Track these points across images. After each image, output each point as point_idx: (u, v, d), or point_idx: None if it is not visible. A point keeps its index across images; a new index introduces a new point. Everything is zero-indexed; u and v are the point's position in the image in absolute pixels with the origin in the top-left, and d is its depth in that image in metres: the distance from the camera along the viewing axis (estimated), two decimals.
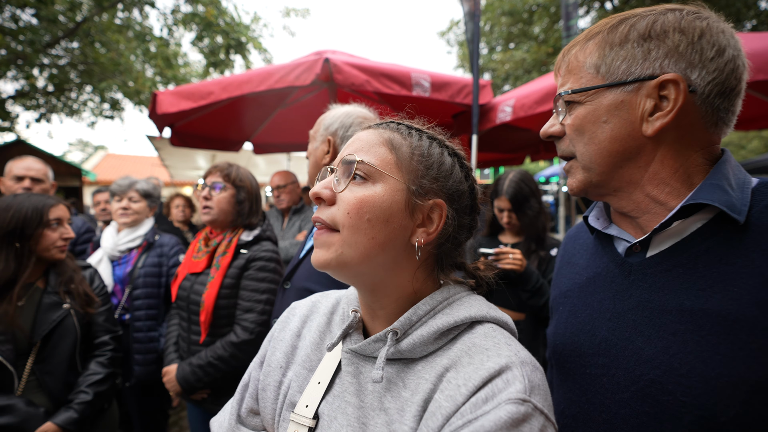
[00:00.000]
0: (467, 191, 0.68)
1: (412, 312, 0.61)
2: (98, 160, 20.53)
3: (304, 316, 0.78)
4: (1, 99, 8.08)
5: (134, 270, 2.47)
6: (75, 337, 1.67)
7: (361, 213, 0.59)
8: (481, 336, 0.60)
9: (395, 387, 0.60)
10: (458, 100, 3.45)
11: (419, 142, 0.65)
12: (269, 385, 0.72)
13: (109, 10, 7.82)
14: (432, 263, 0.67)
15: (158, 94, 2.88)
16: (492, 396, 0.52)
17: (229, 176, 1.89)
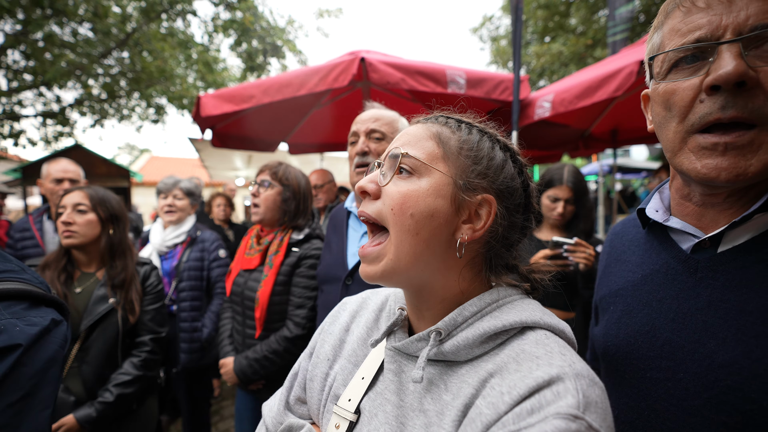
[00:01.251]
0: (520, 188, 0.65)
1: (457, 313, 0.59)
2: (144, 163, 21.76)
3: (354, 311, 0.78)
4: (62, 107, 8.74)
5: (179, 264, 2.63)
6: (116, 333, 1.71)
7: (405, 208, 0.58)
8: (532, 343, 0.55)
9: (436, 389, 0.58)
10: (494, 96, 3.38)
11: (468, 136, 0.63)
12: (316, 376, 0.73)
13: (155, 20, 8.26)
14: (480, 263, 0.64)
15: (202, 97, 3.01)
16: (538, 408, 0.47)
17: (276, 174, 1.92)
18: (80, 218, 1.76)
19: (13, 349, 0.78)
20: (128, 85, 8.80)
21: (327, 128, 4.75)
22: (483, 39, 15.70)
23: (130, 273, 1.82)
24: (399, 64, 2.95)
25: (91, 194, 1.81)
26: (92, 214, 1.78)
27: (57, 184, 2.59)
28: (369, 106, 1.56)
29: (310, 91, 2.68)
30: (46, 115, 8.66)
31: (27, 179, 7.92)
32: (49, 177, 2.59)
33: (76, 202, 1.77)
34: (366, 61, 2.68)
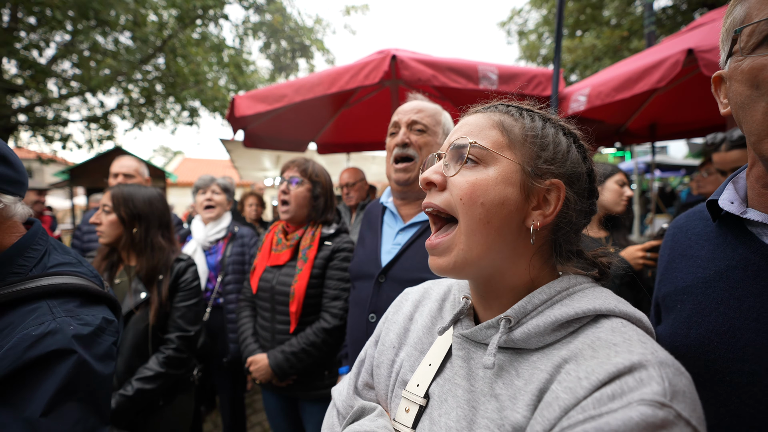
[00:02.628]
0: (585, 173, 0.64)
1: (527, 300, 0.59)
2: (177, 164, 22.61)
3: (416, 301, 0.80)
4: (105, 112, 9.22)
5: (224, 258, 2.71)
6: (146, 326, 1.73)
7: (474, 197, 0.58)
8: (608, 330, 0.53)
9: (507, 375, 0.57)
10: (527, 92, 3.29)
11: (532, 123, 0.63)
12: (383, 362, 0.75)
13: (189, 26, 8.57)
14: (548, 250, 0.63)
15: (236, 98, 3.09)
16: (621, 394, 0.45)
17: (305, 171, 1.91)
18: (105, 218, 1.81)
19: (70, 353, 0.80)
20: (164, 89, 9.18)
21: (355, 128, 4.78)
22: (511, 33, 15.37)
23: (158, 269, 1.83)
24: (430, 61, 2.92)
25: (115, 194, 1.84)
26: (114, 214, 1.82)
27: (114, 179, 2.75)
28: (411, 98, 1.53)
29: (341, 88, 2.69)
30: (91, 120, 9.15)
31: (73, 180, 8.39)
32: (111, 172, 2.76)
33: (104, 202, 1.84)
34: (397, 59, 2.67)
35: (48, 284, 0.86)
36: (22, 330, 0.77)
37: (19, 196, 0.94)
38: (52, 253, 0.95)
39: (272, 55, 8.10)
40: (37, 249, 0.93)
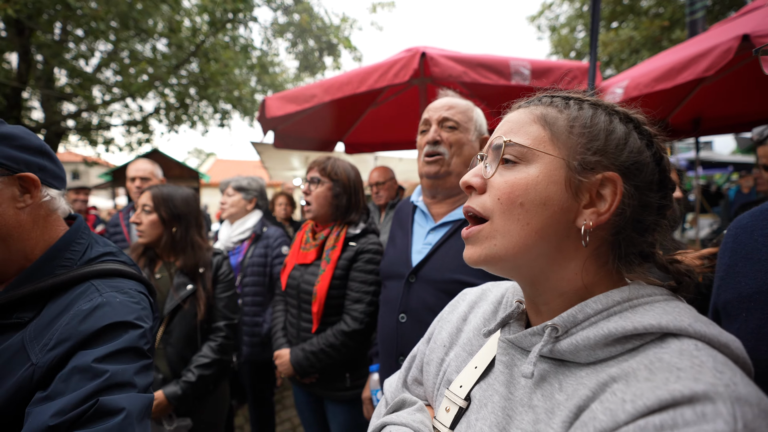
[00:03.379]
0: (650, 161, 0.56)
1: (578, 309, 0.53)
2: (210, 165, 23.42)
3: (472, 302, 0.79)
4: (144, 116, 9.67)
5: (244, 260, 2.71)
6: (194, 317, 1.83)
7: (513, 198, 0.55)
8: (675, 352, 0.46)
9: (549, 387, 0.53)
10: (562, 87, 3.16)
11: (579, 112, 0.57)
12: (433, 360, 0.75)
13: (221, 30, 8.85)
14: (607, 252, 0.56)
15: (267, 99, 3.14)
16: (672, 426, 0.39)
17: (325, 170, 1.89)
18: (146, 218, 1.89)
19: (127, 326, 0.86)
20: (197, 92, 9.52)
21: (382, 127, 4.77)
22: (541, 29, 14.91)
23: (199, 265, 1.92)
24: (460, 57, 2.87)
25: (155, 194, 1.91)
26: (155, 214, 1.89)
27: (132, 182, 2.90)
28: (442, 94, 1.50)
29: (370, 87, 2.68)
30: (130, 124, 9.62)
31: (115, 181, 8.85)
32: (128, 176, 2.91)
33: (144, 202, 1.91)
34: (427, 56, 2.64)
35: (94, 269, 0.93)
36: (75, 308, 0.84)
37: (61, 190, 1.00)
38: (94, 246, 1.01)
39: (299, 54, 8.22)
40: (81, 243, 0.98)
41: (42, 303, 0.86)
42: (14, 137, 0.88)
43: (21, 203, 0.89)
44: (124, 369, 0.79)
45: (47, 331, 0.81)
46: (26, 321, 0.83)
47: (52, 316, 0.83)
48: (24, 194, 0.90)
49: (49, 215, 0.96)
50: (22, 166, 0.89)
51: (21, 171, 0.88)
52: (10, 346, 0.79)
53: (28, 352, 0.78)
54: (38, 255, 0.92)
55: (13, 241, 0.88)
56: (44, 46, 7.36)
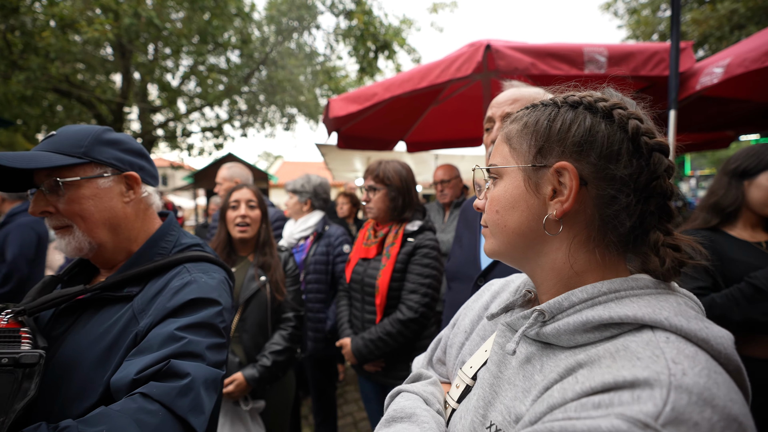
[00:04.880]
0: (605, 133, 0.56)
1: (564, 297, 0.57)
2: (277, 167, 24.86)
3: (496, 292, 0.84)
4: (219, 123, 10.55)
5: (307, 257, 2.81)
6: (266, 307, 1.97)
7: (492, 208, 0.65)
8: (643, 342, 0.48)
9: (531, 368, 0.58)
10: (644, 72, 2.86)
11: (527, 117, 0.64)
12: (455, 344, 0.82)
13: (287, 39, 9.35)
14: (590, 239, 0.58)
15: (331, 100, 3.25)
16: (608, 405, 0.43)
17: (378, 176, 2.02)
18: (252, 213, 2.07)
19: (208, 301, 0.96)
20: (266, 98, 10.16)
21: (444, 125, 4.69)
22: (619, 14, 13.68)
23: (275, 259, 2.08)
24: (527, 48, 2.71)
25: (256, 192, 2.12)
26: (259, 210, 2.09)
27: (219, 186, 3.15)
28: (507, 86, 1.42)
29: (431, 83, 2.64)
30: (207, 130, 10.54)
31: (196, 183, 9.74)
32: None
33: (248, 198, 2.09)
34: (492, 48, 2.53)
35: (185, 255, 1.06)
36: (170, 285, 0.97)
37: (156, 187, 1.14)
38: (182, 238, 1.14)
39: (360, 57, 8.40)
40: (173, 234, 1.12)
41: (145, 282, 1.00)
42: (121, 142, 1.03)
43: (127, 198, 1.03)
44: (198, 341, 0.89)
45: (150, 305, 0.94)
46: (134, 295, 0.97)
47: (154, 293, 0.96)
48: (129, 190, 1.04)
49: (147, 209, 1.10)
50: (127, 166, 1.03)
51: (127, 170, 1.03)
52: (125, 314, 0.93)
53: (138, 319, 0.92)
54: (141, 243, 1.06)
55: (121, 230, 1.03)
56: (141, 66, 8.34)
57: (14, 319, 0.88)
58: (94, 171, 0.97)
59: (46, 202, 0.94)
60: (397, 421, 0.70)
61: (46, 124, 8.66)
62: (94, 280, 1.11)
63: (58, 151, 0.93)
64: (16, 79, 6.44)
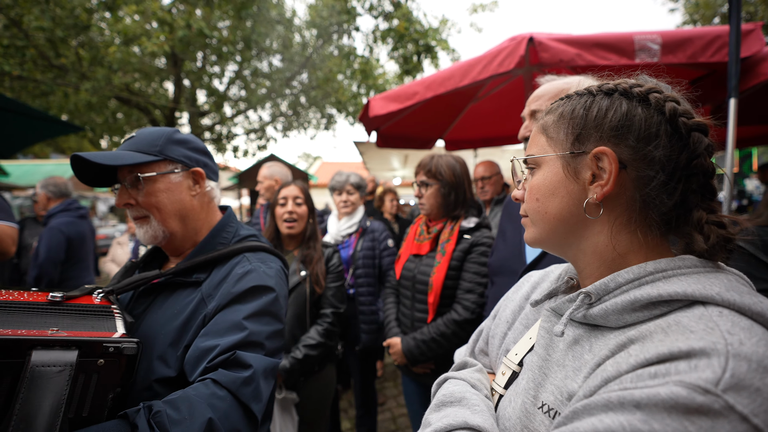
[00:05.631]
0: (642, 116, 0.58)
1: (610, 278, 0.58)
2: (317, 167, 25.47)
3: (536, 282, 0.85)
4: (262, 125, 10.99)
5: (355, 253, 2.88)
6: (305, 300, 2.02)
7: (532, 197, 0.67)
8: (695, 317, 0.49)
9: (580, 348, 0.59)
10: (703, 59, 2.68)
11: (563, 107, 0.66)
12: (497, 335, 0.84)
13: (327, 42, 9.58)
14: (631, 220, 0.59)
15: (371, 100, 3.29)
16: (664, 374, 0.43)
17: (431, 171, 1.96)
18: (299, 209, 2.16)
19: (266, 289, 1.05)
20: (306, 101, 10.47)
21: (483, 122, 4.62)
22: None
23: (317, 253, 2.14)
24: (572, 39, 2.63)
25: (303, 188, 2.20)
26: (305, 206, 2.17)
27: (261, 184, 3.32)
28: (541, 82, 1.42)
29: (473, 80, 2.62)
30: (251, 132, 11.01)
31: (240, 183, 10.21)
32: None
33: (295, 195, 2.18)
34: (535, 41, 2.48)
35: (245, 245, 1.15)
36: (233, 272, 1.06)
37: (217, 182, 1.24)
38: (240, 229, 1.24)
39: (400, 59, 8.45)
40: (233, 226, 1.23)
41: (210, 269, 1.10)
42: (188, 141, 1.14)
43: (193, 192, 1.15)
44: (260, 331, 0.99)
45: (216, 290, 1.04)
46: (202, 281, 1.08)
47: (219, 279, 1.06)
48: (195, 185, 1.15)
49: (210, 202, 1.21)
50: (194, 162, 1.14)
51: (193, 166, 1.14)
52: (194, 298, 1.04)
53: (206, 303, 1.02)
54: (205, 233, 1.17)
55: (189, 221, 1.14)
56: (190, 73, 8.87)
57: (105, 298, 1.00)
58: (167, 167, 1.08)
59: (128, 195, 1.07)
60: (447, 405, 0.72)
61: (109, 130, 9.44)
62: (165, 266, 1.23)
63: (138, 150, 1.05)
64: (83, 88, 7.08)
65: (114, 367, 0.81)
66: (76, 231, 3.36)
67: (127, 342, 0.82)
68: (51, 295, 0.89)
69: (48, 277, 3.15)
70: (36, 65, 7.18)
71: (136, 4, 6.74)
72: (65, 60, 7.26)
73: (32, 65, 7.05)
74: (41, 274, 3.13)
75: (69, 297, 0.92)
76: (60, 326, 0.81)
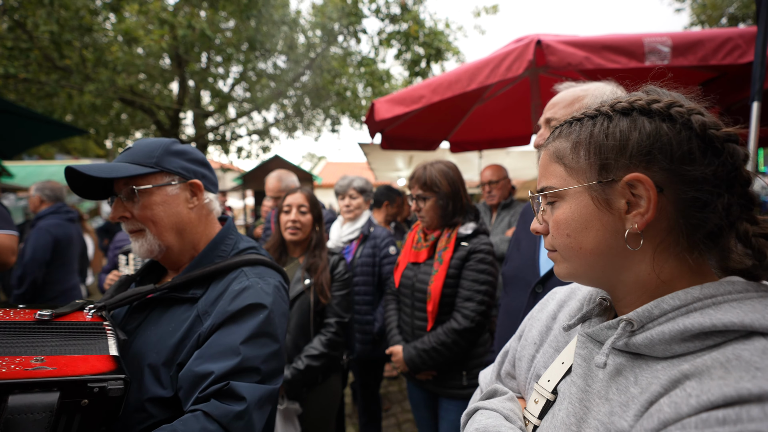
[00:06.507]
0: (670, 135, 0.54)
1: (654, 305, 0.54)
2: (321, 168, 25.47)
3: (562, 300, 0.81)
4: (266, 126, 10.99)
5: (354, 260, 2.78)
6: (308, 309, 1.98)
7: (560, 232, 0.62)
8: (757, 351, 0.45)
9: (624, 380, 0.55)
10: (714, 62, 2.61)
11: (579, 133, 0.61)
12: (524, 357, 0.79)
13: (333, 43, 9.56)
14: (675, 244, 0.56)
15: (376, 102, 3.24)
16: (736, 421, 0.40)
17: (426, 184, 1.94)
18: (303, 218, 2.12)
19: (262, 307, 1.01)
20: (311, 102, 10.45)
21: (489, 124, 4.57)
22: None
23: (323, 262, 2.10)
24: (580, 41, 2.57)
25: (309, 196, 2.16)
26: (310, 215, 2.13)
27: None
28: (559, 88, 1.37)
29: (481, 84, 2.57)
30: (255, 133, 11.01)
31: (245, 184, 10.21)
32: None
33: (300, 203, 2.14)
34: (542, 43, 2.43)
35: (243, 258, 1.11)
36: (230, 288, 1.03)
37: (216, 194, 1.21)
38: (240, 241, 1.20)
39: (408, 62, 8.42)
40: (232, 238, 1.19)
41: (208, 283, 1.07)
42: (186, 152, 1.11)
43: (191, 204, 1.11)
44: (255, 355, 0.95)
45: (212, 307, 1.01)
46: (198, 297, 1.04)
47: (216, 296, 1.03)
48: (193, 197, 1.12)
49: (208, 214, 1.17)
50: (192, 174, 1.11)
51: (191, 178, 1.11)
52: (191, 315, 1.01)
53: (202, 320, 0.99)
54: (203, 246, 1.14)
55: (186, 234, 1.11)
56: (195, 74, 8.87)
57: (97, 314, 0.96)
58: (163, 179, 1.05)
59: (123, 209, 1.03)
60: None
61: (113, 132, 9.46)
62: (162, 280, 1.19)
63: (134, 161, 1.02)
64: (87, 90, 7.09)
65: (99, 406, 0.76)
66: (64, 233, 3.32)
67: (114, 380, 0.77)
68: (39, 314, 0.85)
69: (32, 276, 3.09)
70: (40, 67, 7.20)
71: (139, 4, 6.74)
72: (69, 62, 7.28)
73: (36, 67, 7.08)
74: (25, 273, 3.08)
75: (58, 314, 0.89)
76: (48, 348, 0.77)
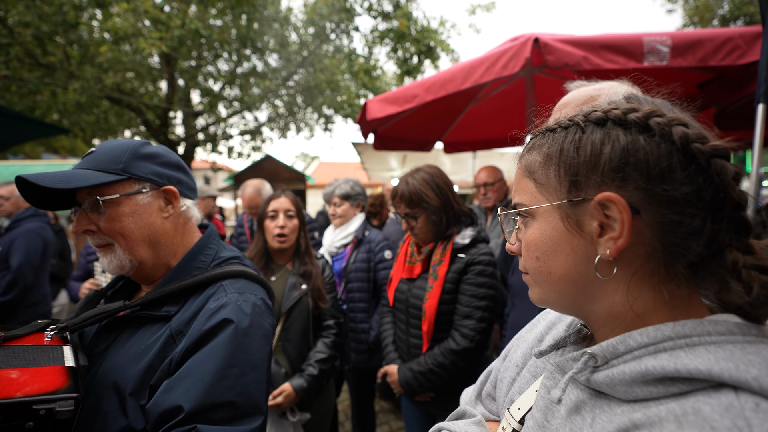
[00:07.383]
0: (647, 149, 0.47)
1: (619, 340, 0.49)
2: (314, 168, 25.29)
3: (551, 323, 0.76)
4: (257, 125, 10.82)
5: (348, 265, 2.69)
6: (308, 315, 1.93)
7: (530, 254, 0.57)
8: (720, 408, 0.39)
9: (581, 421, 0.50)
10: (713, 62, 2.57)
11: (550, 146, 0.55)
12: (505, 378, 0.75)
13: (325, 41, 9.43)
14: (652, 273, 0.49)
15: (368, 102, 3.16)
16: None
17: (413, 201, 1.80)
18: (290, 223, 2.03)
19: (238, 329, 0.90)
20: (303, 101, 10.31)
21: (483, 124, 4.51)
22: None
23: (315, 267, 2.03)
24: (578, 40, 2.51)
25: (294, 200, 2.07)
26: (296, 219, 2.04)
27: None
28: (570, 87, 1.29)
29: (475, 83, 2.49)
30: (246, 133, 10.84)
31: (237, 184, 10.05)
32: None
33: (286, 208, 2.04)
34: (540, 42, 2.36)
35: (224, 270, 1.00)
36: (205, 307, 0.92)
37: (195, 200, 1.10)
38: (221, 251, 1.09)
39: (400, 60, 8.32)
40: (212, 247, 1.08)
41: (184, 299, 0.96)
42: (158, 155, 0.99)
43: (166, 213, 1.00)
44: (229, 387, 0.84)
45: (187, 327, 0.90)
46: (172, 314, 0.93)
47: (192, 313, 0.92)
48: (167, 205, 1.01)
49: (186, 223, 1.07)
50: (165, 180, 0.99)
51: (165, 184, 0.99)
52: (162, 335, 0.90)
53: (176, 341, 0.89)
54: (179, 258, 1.03)
55: (161, 246, 1.00)
56: (184, 72, 8.69)
57: (59, 336, 0.87)
58: (132, 187, 0.94)
59: (88, 221, 0.92)
60: None
61: (100, 131, 9.23)
62: (136, 295, 1.09)
63: (97, 168, 0.91)
64: (72, 88, 6.89)
65: (46, 429, 0.68)
66: (49, 237, 3.27)
67: (63, 400, 0.69)
68: None
69: (24, 281, 3.00)
70: (22, 63, 6.98)
71: (127, 2, 6.56)
72: (53, 58, 7.07)
73: (17, 64, 6.85)
74: (17, 278, 2.98)
75: (11, 337, 0.79)
76: None
